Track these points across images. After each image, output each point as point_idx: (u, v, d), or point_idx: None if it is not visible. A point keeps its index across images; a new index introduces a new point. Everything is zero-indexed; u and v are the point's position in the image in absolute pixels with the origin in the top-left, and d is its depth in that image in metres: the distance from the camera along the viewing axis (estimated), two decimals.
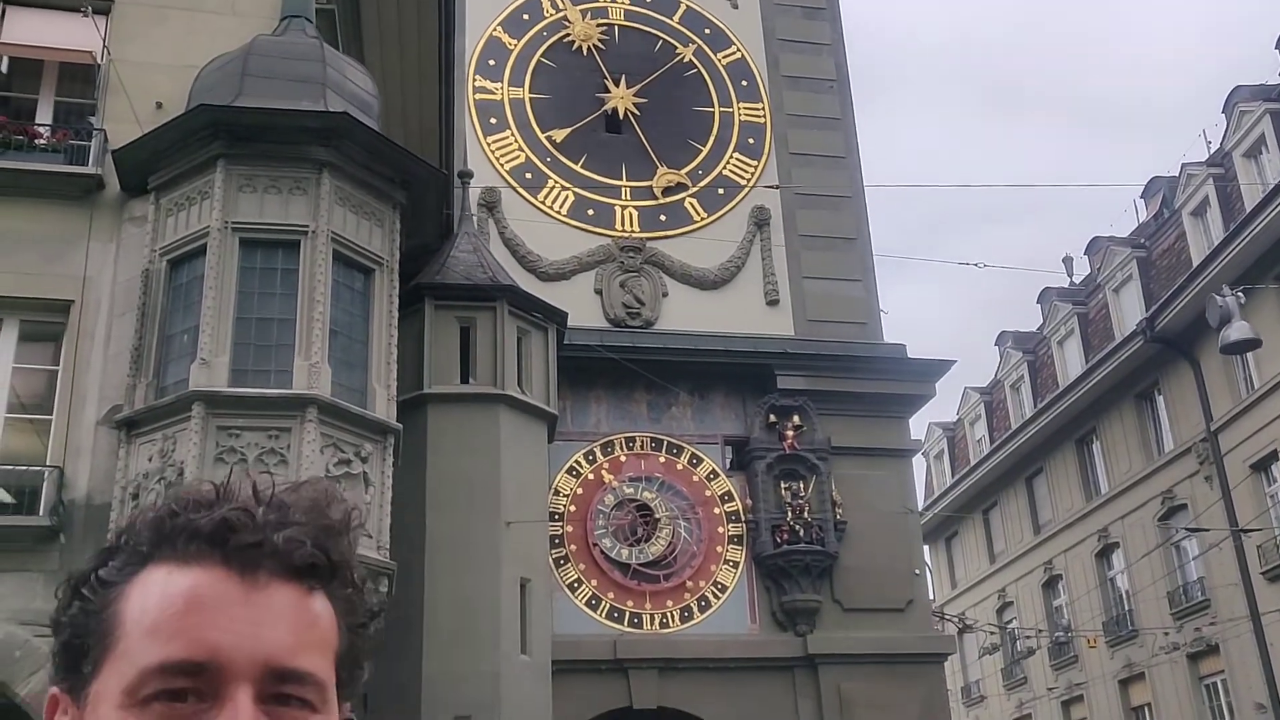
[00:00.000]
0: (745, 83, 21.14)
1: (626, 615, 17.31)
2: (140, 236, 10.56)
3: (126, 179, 10.70)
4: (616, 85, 20.47)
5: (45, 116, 11.56)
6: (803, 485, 18.07)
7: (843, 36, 22.15)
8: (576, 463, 17.93)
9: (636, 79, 20.55)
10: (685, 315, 18.89)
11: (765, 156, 20.56)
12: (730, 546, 17.98)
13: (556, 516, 17.17)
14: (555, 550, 16.93)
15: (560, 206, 19.38)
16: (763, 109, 20.96)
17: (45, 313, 10.50)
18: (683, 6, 21.46)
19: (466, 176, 17.29)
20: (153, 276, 10.34)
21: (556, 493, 17.45)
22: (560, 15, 20.84)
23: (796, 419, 18.33)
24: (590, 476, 17.93)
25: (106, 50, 11.19)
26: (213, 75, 10.89)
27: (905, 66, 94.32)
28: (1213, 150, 25.79)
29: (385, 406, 10.48)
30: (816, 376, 18.65)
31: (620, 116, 20.28)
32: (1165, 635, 24.49)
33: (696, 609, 17.55)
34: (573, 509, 17.62)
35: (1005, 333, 33.10)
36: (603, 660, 16.80)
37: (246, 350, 9.97)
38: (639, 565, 17.41)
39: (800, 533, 17.66)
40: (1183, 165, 25.76)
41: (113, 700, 1.01)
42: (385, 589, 9.96)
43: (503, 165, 19.43)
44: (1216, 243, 22.96)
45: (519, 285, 16.59)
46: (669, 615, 17.43)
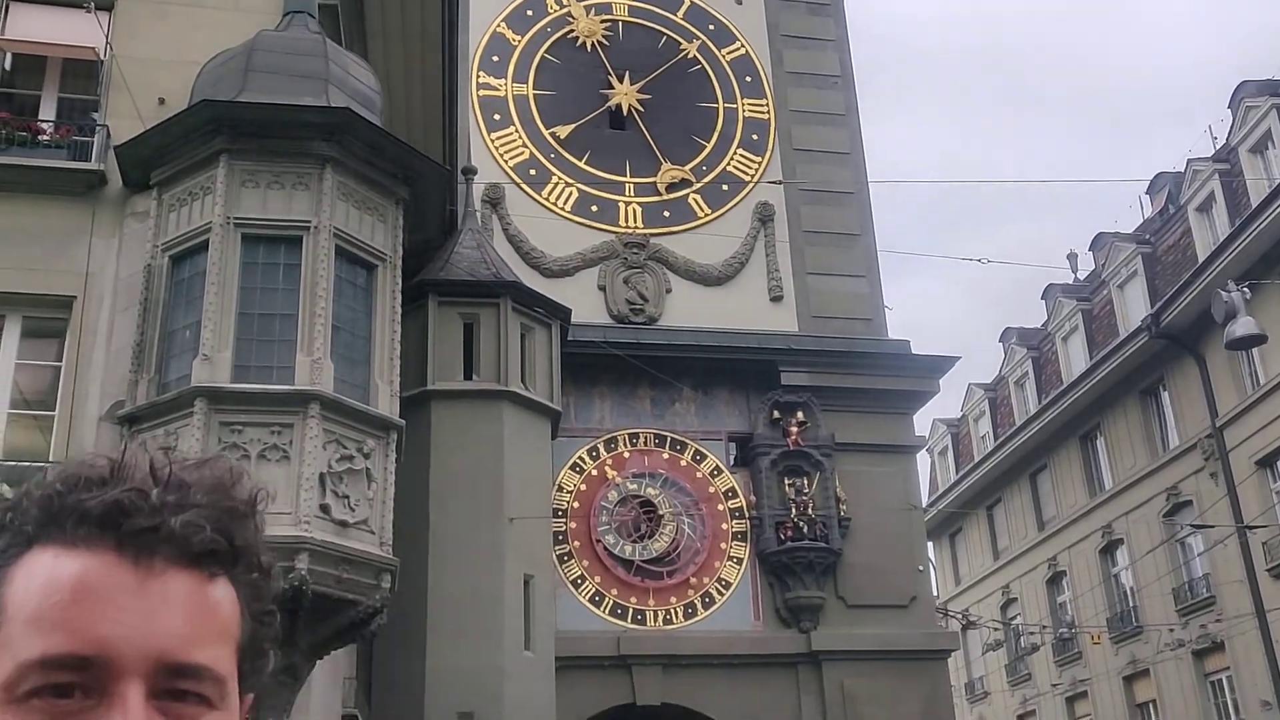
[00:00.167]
0: (749, 79, 21.12)
1: (630, 612, 17.31)
2: (142, 232, 10.54)
3: (129, 175, 10.68)
4: (620, 81, 20.46)
5: (49, 113, 11.54)
6: (807, 481, 18.07)
7: (847, 33, 22.14)
8: (580, 459, 17.93)
9: (640, 75, 20.54)
10: (689, 311, 18.88)
11: (769, 152, 20.54)
12: (734, 543, 17.97)
13: (560, 513, 17.17)
14: (559, 546, 16.94)
15: (564, 203, 19.37)
16: (767, 105, 20.94)
17: (48, 308, 10.49)
18: (686, 2, 21.43)
19: (470, 173, 17.27)
20: (155, 272, 10.32)
21: (560, 489, 17.46)
22: (564, 11, 20.82)
23: (800, 415, 18.32)
24: (594, 473, 17.93)
25: (109, 46, 11.17)
26: (215, 71, 10.87)
27: (910, 63, 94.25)
28: (1218, 146, 25.72)
29: (388, 402, 10.45)
30: (820, 372, 18.64)
31: (624, 113, 20.27)
32: (1170, 632, 24.46)
33: (700, 605, 17.54)
34: (576, 505, 17.63)
35: (1010, 329, 33.07)
36: (606, 657, 16.80)
37: (249, 346, 9.94)
38: (643, 562, 17.41)
39: (804, 529, 17.66)
40: (1188, 161, 25.70)
41: None
42: (388, 585, 9.94)
43: (506, 161, 19.42)
44: (1222, 238, 22.91)
45: (522, 281, 16.58)
46: (673, 612, 17.42)
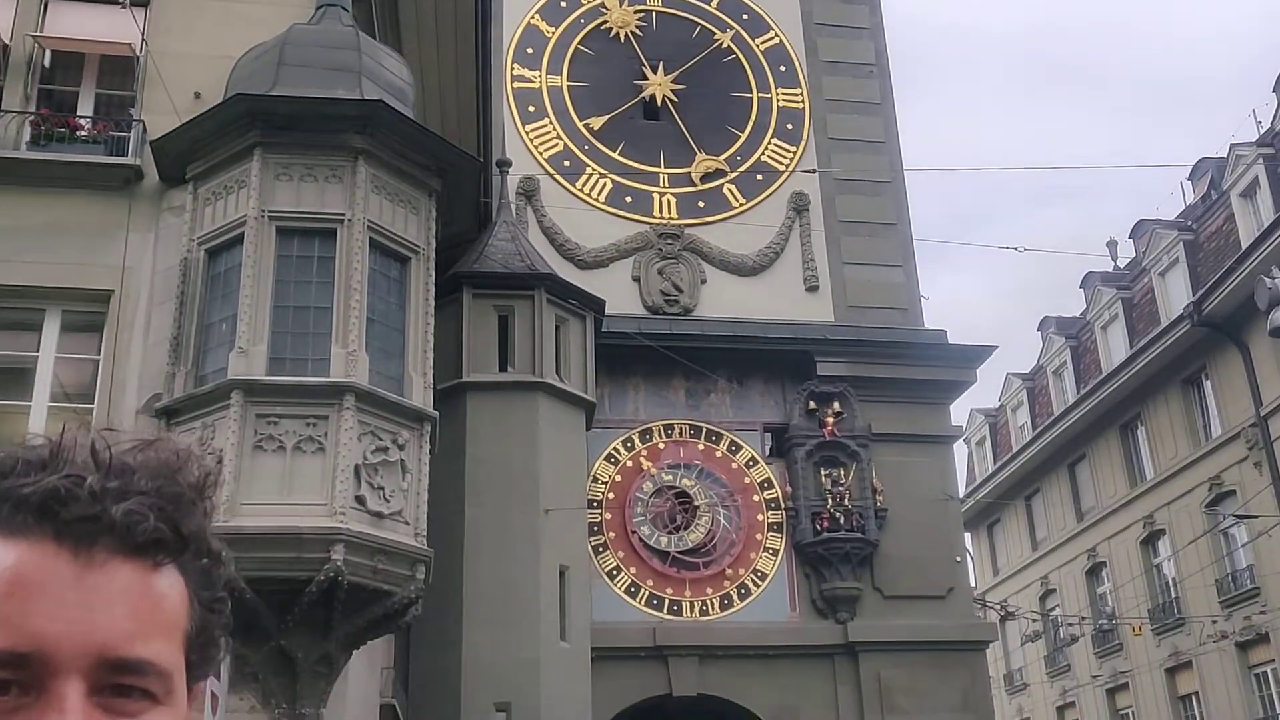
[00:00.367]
0: (784, 68, 21.01)
1: (666, 603, 17.31)
2: (178, 226, 10.62)
3: (165, 169, 10.77)
4: (654, 72, 20.41)
5: (87, 108, 11.65)
6: (843, 472, 18.00)
7: (882, 20, 21.98)
8: (615, 450, 17.93)
9: (674, 65, 20.48)
10: (724, 302, 18.83)
11: (804, 142, 20.44)
12: (770, 534, 17.92)
13: (595, 504, 17.19)
14: (594, 538, 16.96)
15: (598, 194, 19.35)
16: (801, 94, 20.83)
17: (86, 303, 10.59)
18: None
19: (505, 165, 17.29)
20: (191, 266, 10.40)
21: (595, 480, 17.47)
22: (598, 3, 20.78)
23: (836, 405, 18.24)
24: (629, 464, 17.92)
25: (145, 42, 11.26)
26: (249, 65, 10.93)
27: (947, 50, 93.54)
28: (1262, 130, 25.37)
29: (422, 394, 10.49)
30: (857, 363, 18.55)
31: (658, 103, 20.22)
32: (1213, 623, 24.18)
33: (736, 596, 17.52)
34: (611, 496, 17.63)
35: (1048, 318, 32.78)
36: (642, 647, 16.81)
37: (284, 339, 10.00)
38: (678, 553, 17.40)
39: (840, 520, 17.59)
40: (1231, 146, 25.34)
41: None
42: (422, 576, 9.99)
43: (541, 153, 19.43)
44: (1266, 224, 22.59)
45: (557, 273, 16.60)
46: (709, 603, 17.40)
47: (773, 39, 21.18)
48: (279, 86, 10.60)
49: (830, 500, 17.75)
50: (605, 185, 19.42)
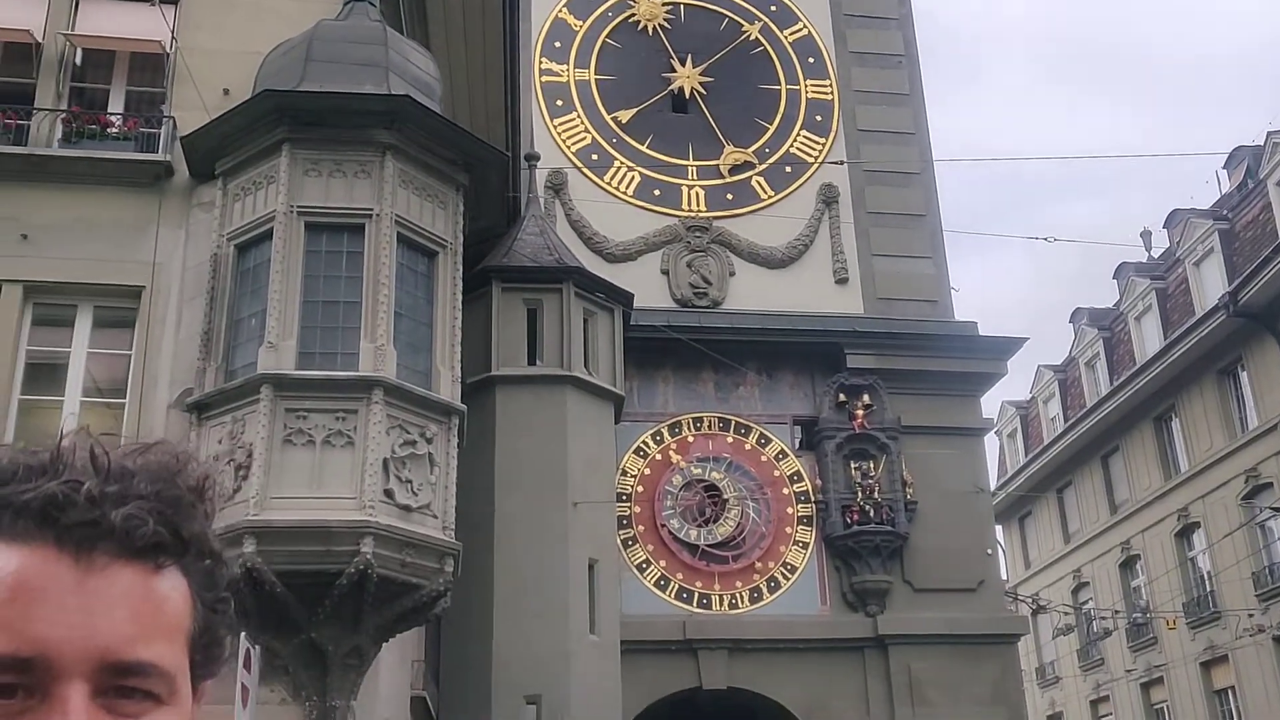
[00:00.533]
0: (812, 59, 20.93)
1: (695, 596, 17.31)
2: (208, 222, 10.69)
3: (195, 165, 10.84)
4: (682, 65, 20.38)
5: (117, 106, 11.75)
6: (873, 465, 17.94)
7: (911, 10, 21.86)
8: (644, 443, 17.94)
9: (702, 58, 20.44)
10: (753, 294, 18.79)
11: (833, 133, 20.36)
12: (800, 527, 17.89)
13: (624, 497, 17.20)
14: (623, 531, 16.97)
15: (626, 187, 19.35)
16: (830, 86, 20.75)
17: (117, 298, 10.67)
18: None
19: (533, 159, 17.31)
20: (221, 261, 10.47)
21: (624, 473, 17.48)
22: None
23: (866, 398, 18.18)
24: (658, 457, 17.93)
25: (175, 39, 11.34)
26: (277, 61, 10.98)
27: (978, 38, 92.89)
28: None
29: (450, 388, 10.52)
30: (886, 355, 18.47)
31: (686, 96, 20.20)
32: (1250, 617, 23.94)
33: (766, 590, 17.50)
34: (640, 489, 17.64)
35: (1080, 309, 32.54)
36: (672, 640, 16.82)
37: (313, 333, 10.05)
38: (707, 546, 17.39)
39: (870, 513, 17.54)
40: (1268, 134, 25.04)
41: None
42: (451, 569, 10.02)
43: (569, 147, 19.45)
44: None
45: (585, 267, 16.61)
46: (738, 596, 17.39)
47: (801, 30, 21.10)
48: (307, 82, 10.65)
49: (860, 493, 17.71)
50: (633, 178, 19.42)
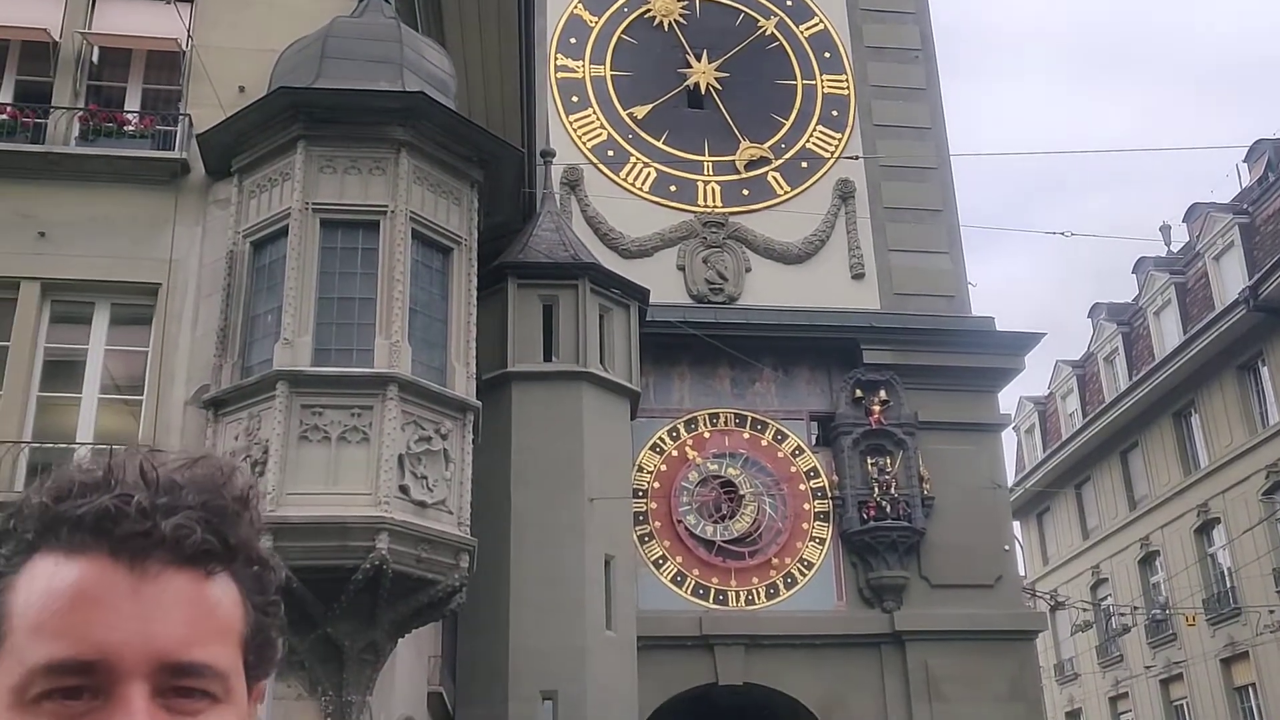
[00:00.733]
0: (828, 54, 20.89)
1: (712, 592, 17.30)
2: (224, 219, 10.74)
3: (211, 162, 10.88)
4: (698, 60, 20.36)
5: (134, 104, 11.79)
6: (889, 461, 17.90)
7: (927, 4, 21.78)
8: (660, 439, 17.93)
9: (718, 53, 20.41)
10: (769, 290, 18.76)
11: (849, 129, 20.31)
12: (816, 523, 17.87)
13: (640, 493, 17.20)
14: (639, 527, 16.98)
15: (642, 183, 19.34)
16: (846, 81, 20.69)
17: (134, 296, 10.72)
18: None
19: (549, 155, 17.32)
20: (237, 258, 10.51)
21: (640, 469, 17.48)
22: None
23: (883, 394, 18.14)
24: (674, 453, 17.92)
25: (190, 37, 11.39)
26: (292, 58, 11.01)
27: (994, 31, 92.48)
28: None
29: (465, 384, 10.54)
30: (903, 350, 18.43)
31: (702, 91, 20.18)
32: (1271, 613, 23.80)
33: (782, 586, 17.48)
34: (656, 486, 17.64)
35: (1099, 304, 32.39)
36: (689, 637, 16.82)
37: (329, 330, 10.08)
38: (724, 542, 17.38)
39: (887, 509, 17.50)
40: None
41: (3, 700, 0.97)
42: (466, 565, 10.04)
43: (585, 143, 19.45)
44: None
45: (601, 263, 16.61)
46: (755, 592, 17.38)
47: (817, 25, 21.05)
48: (322, 79, 10.68)
49: (877, 489, 17.67)
50: (649, 174, 19.41)
